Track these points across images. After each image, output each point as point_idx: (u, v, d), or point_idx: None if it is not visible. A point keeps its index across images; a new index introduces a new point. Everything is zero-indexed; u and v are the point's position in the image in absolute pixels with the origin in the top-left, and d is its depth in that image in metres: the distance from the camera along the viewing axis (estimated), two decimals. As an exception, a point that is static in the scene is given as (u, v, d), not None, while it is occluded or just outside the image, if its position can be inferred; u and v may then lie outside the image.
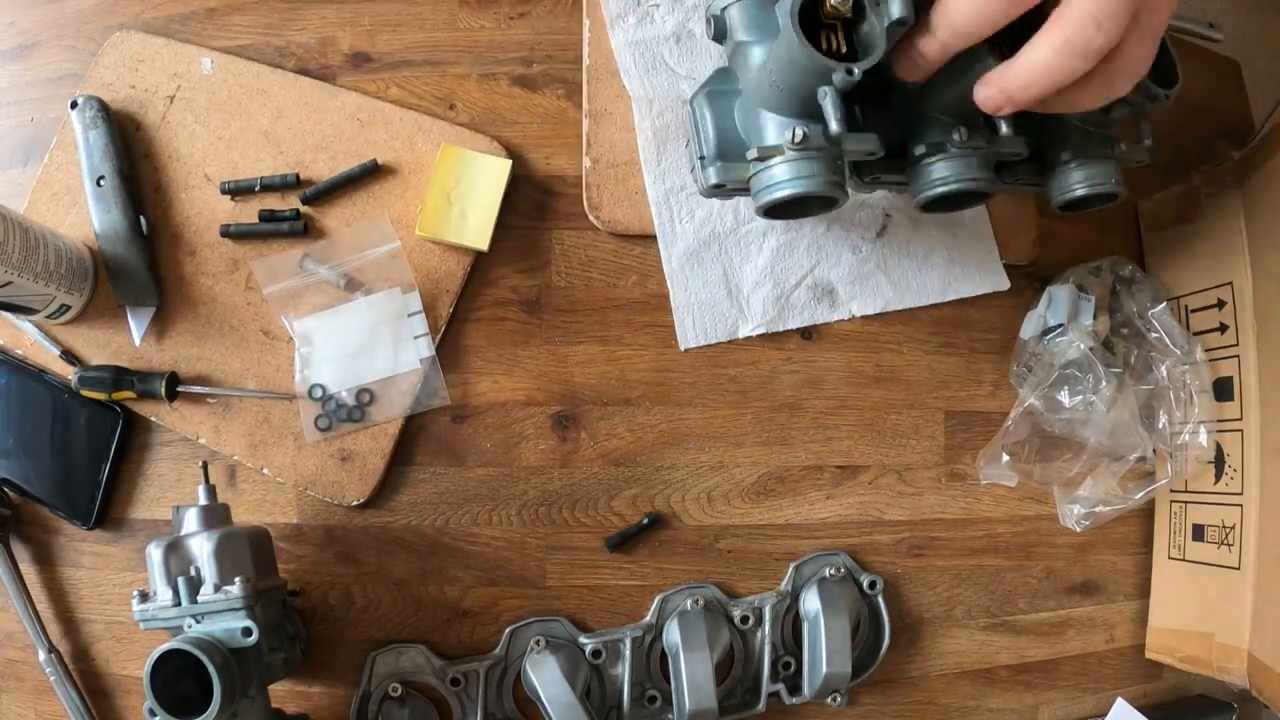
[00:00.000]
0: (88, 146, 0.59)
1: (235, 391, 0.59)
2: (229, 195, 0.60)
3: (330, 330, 0.60)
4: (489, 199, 0.60)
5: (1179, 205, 0.68)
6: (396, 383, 0.60)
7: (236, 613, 0.49)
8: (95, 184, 0.59)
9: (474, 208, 0.60)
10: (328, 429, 0.59)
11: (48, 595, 0.60)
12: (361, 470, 0.60)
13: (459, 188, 0.60)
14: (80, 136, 0.59)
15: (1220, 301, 0.64)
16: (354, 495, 0.60)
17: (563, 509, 0.62)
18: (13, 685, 0.60)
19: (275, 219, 0.60)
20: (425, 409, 0.60)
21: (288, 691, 0.60)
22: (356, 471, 0.60)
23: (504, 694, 0.60)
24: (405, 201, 0.61)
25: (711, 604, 0.62)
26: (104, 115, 0.59)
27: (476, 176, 0.60)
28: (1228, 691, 0.68)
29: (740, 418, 0.63)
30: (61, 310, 0.58)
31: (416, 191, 0.61)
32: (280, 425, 0.60)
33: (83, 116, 0.59)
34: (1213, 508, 0.63)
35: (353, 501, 0.60)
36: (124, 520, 0.60)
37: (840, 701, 0.61)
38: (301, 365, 0.60)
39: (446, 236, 0.60)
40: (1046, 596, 0.67)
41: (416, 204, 0.61)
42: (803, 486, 0.64)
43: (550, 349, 0.62)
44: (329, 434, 0.59)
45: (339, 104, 0.62)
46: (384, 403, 0.60)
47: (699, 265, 0.63)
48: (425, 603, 0.61)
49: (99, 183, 0.59)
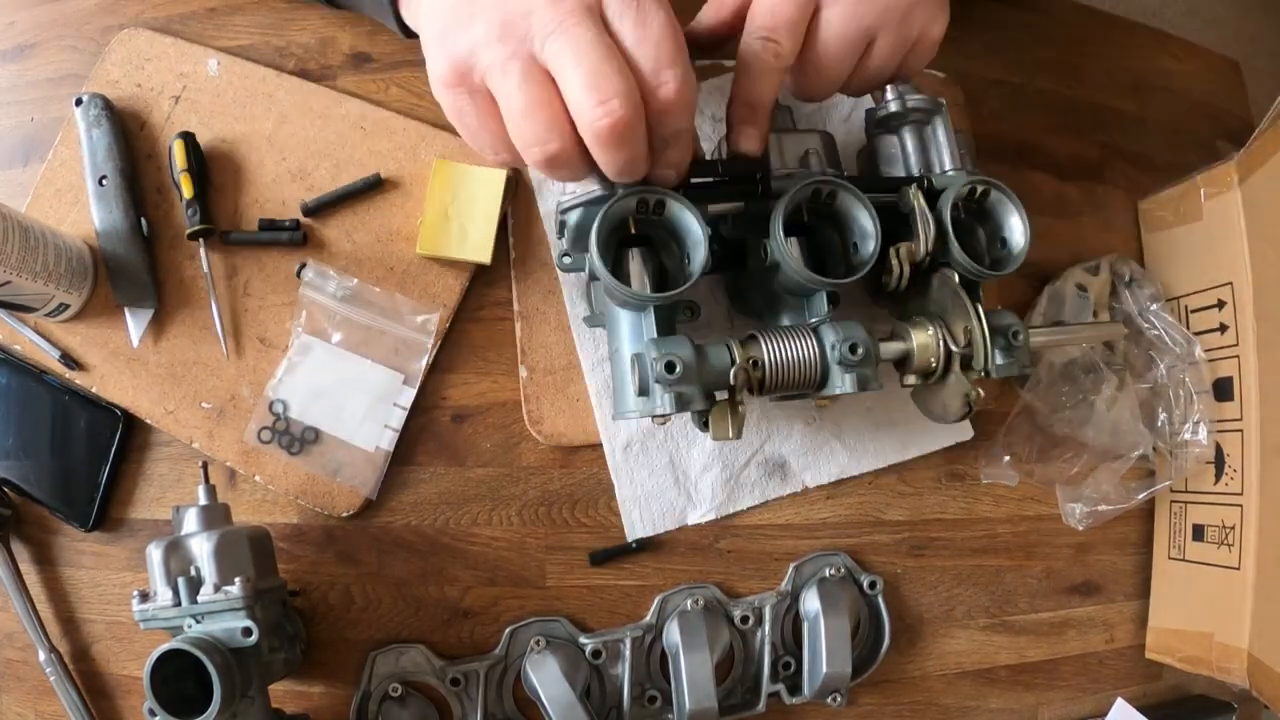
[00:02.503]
0: (91, 145, 0.59)
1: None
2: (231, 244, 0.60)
3: (323, 362, 0.60)
4: (488, 210, 0.59)
5: (1179, 205, 0.68)
6: (344, 448, 0.60)
7: (236, 613, 0.49)
8: (97, 183, 0.58)
9: (473, 220, 0.59)
10: (266, 443, 0.59)
11: (48, 595, 0.60)
12: (352, 482, 0.60)
13: (456, 202, 0.59)
14: (84, 134, 0.59)
15: (1220, 301, 0.64)
16: (344, 507, 0.60)
17: (563, 509, 0.62)
18: (13, 685, 0.60)
19: (275, 228, 0.60)
20: (347, 485, 0.59)
21: (288, 691, 0.60)
22: (347, 484, 0.60)
23: (504, 694, 0.60)
24: (406, 213, 0.61)
25: (711, 604, 0.62)
26: (108, 114, 0.59)
27: (474, 189, 0.59)
28: (1228, 691, 0.68)
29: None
30: (60, 309, 0.58)
31: (418, 203, 0.61)
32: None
33: (87, 114, 0.59)
34: (1213, 508, 0.63)
35: (343, 513, 0.60)
36: (124, 520, 0.60)
37: (840, 702, 0.61)
38: (282, 372, 0.59)
39: (448, 253, 0.59)
40: (1046, 596, 0.67)
41: (417, 215, 0.61)
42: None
43: (550, 349, 0.62)
44: (264, 447, 0.59)
45: (343, 111, 0.62)
46: (320, 454, 0.59)
47: (644, 454, 0.61)
48: (425, 603, 0.61)
49: (101, 182, 0.58)
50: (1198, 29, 1.46)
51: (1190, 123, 0.75)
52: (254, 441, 0.59)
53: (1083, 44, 0.73)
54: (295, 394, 0.59)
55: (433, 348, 0.60)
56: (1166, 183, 0.69)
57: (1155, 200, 0.70)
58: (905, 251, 0.52)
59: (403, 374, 0.60)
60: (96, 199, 0.59)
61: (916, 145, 0.55)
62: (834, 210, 0.51)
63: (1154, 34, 0.77)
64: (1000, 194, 0.53)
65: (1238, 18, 1.52)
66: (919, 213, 0.51)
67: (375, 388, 0.60)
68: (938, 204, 0.52)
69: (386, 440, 0.60)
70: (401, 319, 0.60)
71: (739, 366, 0.48)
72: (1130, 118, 0.74)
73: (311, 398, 0.59)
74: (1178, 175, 0.69)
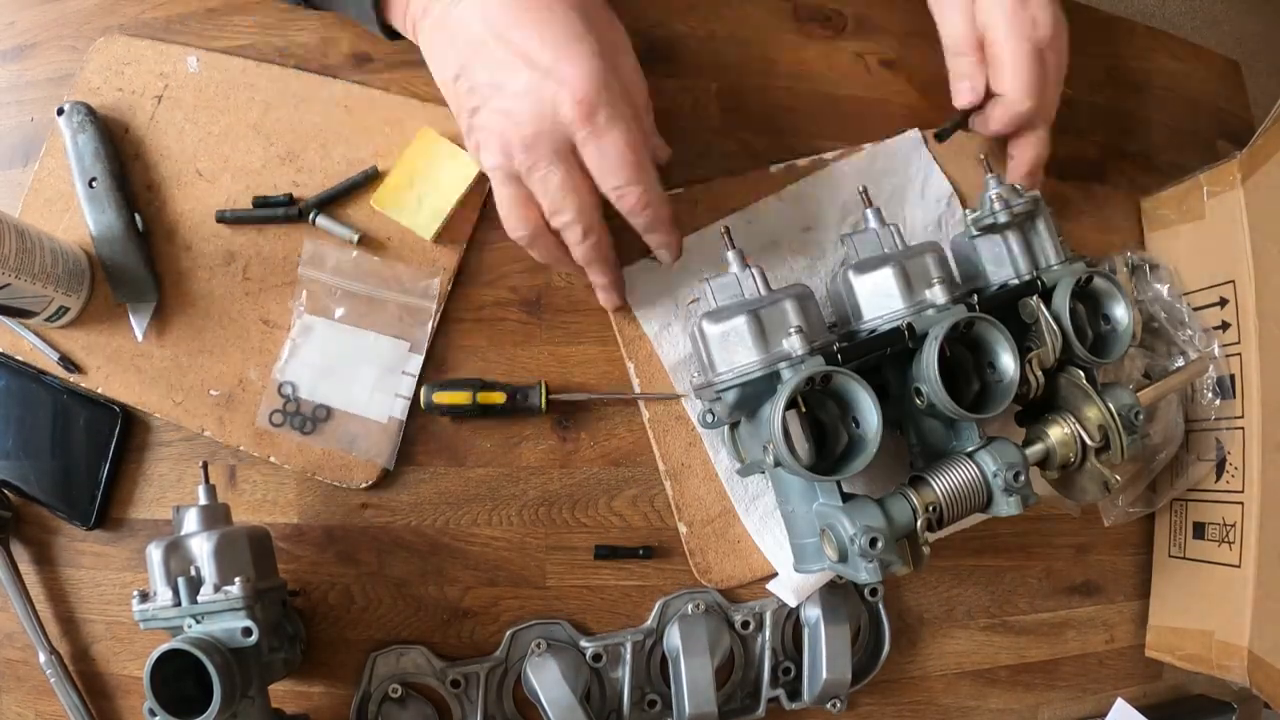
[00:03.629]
0: (77, 150, 0.59)
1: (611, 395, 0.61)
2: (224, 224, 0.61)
3: (328, 339, 0.60)
4: (449, 191, 0.60)
5: (1182, 204, 0.68)
6: (356, 421, 0.60)
7: (236, 613, 0.49)
8: (88, 186, 0.59)
9: (432, 195, 0.60)
10: (279, 425, 0.59)
11: (48, 596, 0.60)
12: (368, 455, 0.60)
13: (425, 173, 0.60)
14: (69, 141, 0.59)
15: (1222, 299, 0.64)
16: (362, 478, 0.60)
17: (563, 509, 0.62)
18: (13, 685, 0.60)
19: (269, 204, 0.60)
20: (363, 457, 0.60)
21: (288, 691, 0.60)
22: (363, 456, 0.60)
23: (504, 696, 0.60)
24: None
25: (712, 608, 0.61)
26: (91, 119, 0.59)
27: (444, 167, 0.60)
28: (1228, 691, 0.68)
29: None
30: (60, 312, 0.58)
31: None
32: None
33: (70, 122, 0.59)
34: (1214, 505, 0.63)
35: (361, 484, 0.60)
36: (124, 520, 0.60)
37: (840, 707, 0.61)
38: (287, 354, 0.60)
39: (399, 218, 0.60)
40: (1046, 596, 0.67)
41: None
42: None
43: (550, 349, 0.62)
44: (277, 429, 0.59)
45: (327, 93, 0.62)
46: (334, 430, 0.60)
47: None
48: (425, 603, 0.61)
49: (91, 184, 0.59)
50: (1198, 29, 1.46)
51: (1190, 123, 0.75)
52: (266, 425, 0.59)
53: (1083, 44, 0.73)
54: (303, 374, 0.60)
55: (436, 312, 0.61)
56: (1166, 183, 0.70)
57: (1158, 199, 0.70)
58: (1037, 362, 0.53)
59: (408, 341, 0.60)
60: (88, 201, 0.59)
61: (1021, 245, 0.56)
62: (968, 337, 0.52)
63: (1154, 34, 0.77)
64: (1105, 281, 0.55)
65: (1238, 18, 1.52)
66: (1045, 323, 0.53)
67: (382, 358, 0.60)
68: (1053, 305, 0.54)
69: (399, 409, 0.60)
70: (403, 286, 0.60)
71: (924, 518, 0.50)
72: (1130, 118, 0.74)
73: (319, 376, 0.60)
74: (1177, 175, 0.69)
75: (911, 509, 0.50)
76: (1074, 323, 0.54)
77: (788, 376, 0.48)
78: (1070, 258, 0.56)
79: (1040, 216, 0.56)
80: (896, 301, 0.53)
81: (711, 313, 0.52)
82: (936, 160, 0.66)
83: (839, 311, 0.57)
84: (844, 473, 0.48)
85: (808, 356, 0.48)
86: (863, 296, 0.54)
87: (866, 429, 0.49)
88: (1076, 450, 0.54)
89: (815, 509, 0.51)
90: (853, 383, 0.48)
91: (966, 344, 0.53)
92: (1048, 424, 0.55)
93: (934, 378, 0.49)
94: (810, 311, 0.52)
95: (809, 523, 0.52)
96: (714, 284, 0.53)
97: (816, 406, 0.51)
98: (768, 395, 0.50)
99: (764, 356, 0.50)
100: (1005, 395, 0.51)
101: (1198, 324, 0.65)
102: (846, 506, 0.49)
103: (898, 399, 0.55)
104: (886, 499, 0.50)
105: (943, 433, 0.54)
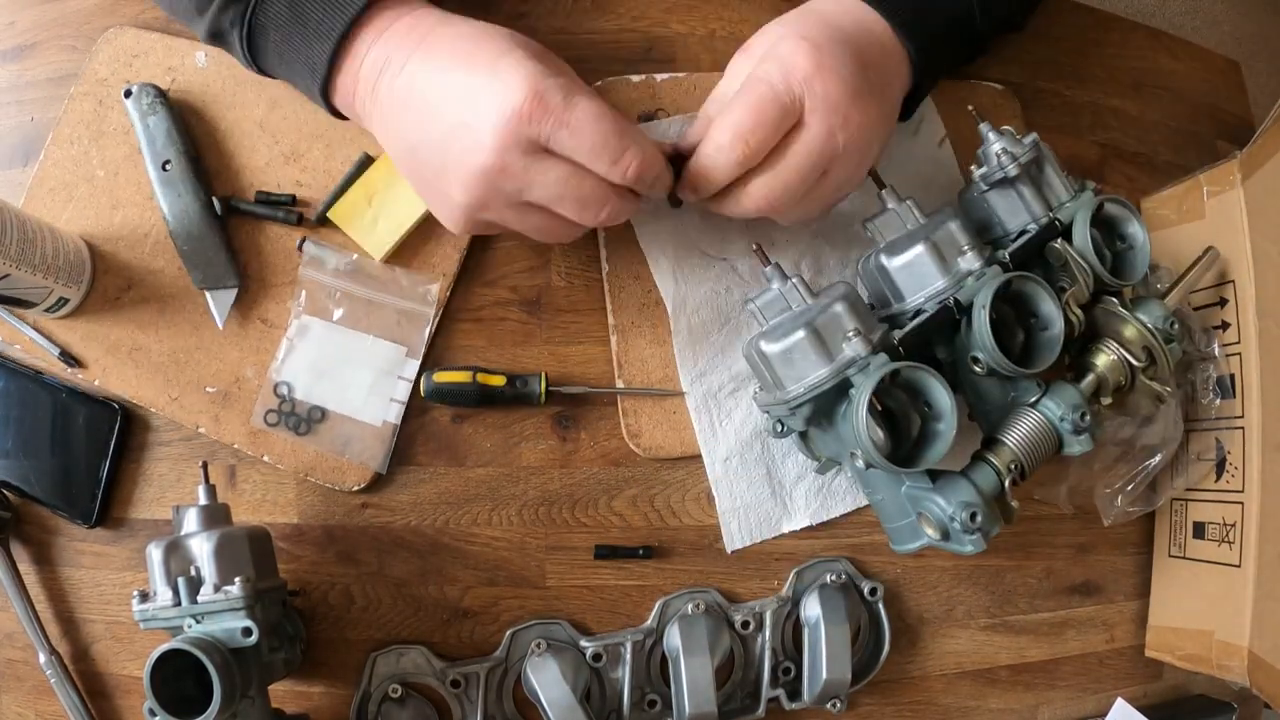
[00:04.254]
0: (148, 133, 0.58)
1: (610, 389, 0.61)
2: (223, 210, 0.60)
3: (325, 340, 0.60)
4: (403, 219, 0.59)
5: (1181, 203, 0.68)
6: (351, 424, 0.60)
7: (236, 613, 0.49)
8: (161, 169, 0.58)
9: (387, 219, 0.60)
10: (274, 425, 0.59)
11: (48, 595, 0.60)
12: (361, 458, 0.60)
13: (383, 196, 0.60)
14: (139, 124, 0.59)
15: (1222, 299, 0.64)
16: (354, 481, 0.60)
17: (563, 509, 0.62)
18: (13, 685, 0.60)
19: (271, 202, 0.60)
20: (356, 460, 0.60)
21: (288, 691, 0.60)
22: (356, 459, 0.60)
23: (504, 696, 0.60)
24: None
25: (712, 608, 0.61)
26: (162, 100, 0.59)
27: (402, 193, 0.59)
28: (1228, 691, 0.68)
29: (740, 417, 0.63)
30: (60, 303, 0.58)
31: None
32: (279, 421, 0.60)
33: (139, 104, 0.59)
34: (1214, 505, 0.63)
35: (353, 487, 0.60)
36: (124, 520, 0.60)
37: (840, 707, 0.61)
38: (284, 354, 0.60)
39: (354, 234, 0.60)
40: (1046, 596, 0.67)
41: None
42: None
43: (550, 349, 0.62)
44: (272, 429, 0.59)
45: None
46: (328, 432, 0.60)
47: (743, 467, 0.62)
48: (425, 603, 0.61)
49: (165, 167, 0.58)
50: (1198, 29, 1.46)
51: (1190, 123, 0.75)
52: (261, 425, 0.59)
53: (1082, 44, 0.73)
54: (299, 375, 0.60)
55: (434, 317, 0.61)
56: (1166, 183, 0.70)
57: (1158, 198, 0.70)
58: (1074, 301, 0.54)
59: (405, 346, 0.60)
60: (162, 185, 0.58)
61: (1032, 190, 0.56)
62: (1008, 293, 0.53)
63: (1153, 34, 0.77)
64: (1115, 205, 0.56)
65: (1238, 18, 1.52)
66: (1074, 262, 0.54)
67: (379, 362, 0.60)
68: (1075, 243, 0.55)
69: (393, 414, 0.60)
70: (402, 291, 0.60)
71: (1010, 478, 0.52)
72: (1130, 118, 0.74)
73: (315, 377, 0.60)
74: (1177, 175, 0.69)
75: (995, 473, 0.52)
76: (1095, 252, 0.55)
77: (859, 382, 0.49)
78: (1077, 189, 0.57)
79: (1047, 161, 0.56)
80: (934, 277, 0.53)
81: (766, 332, 0.52)
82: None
83: (874, 294, 0.57)
84: (928, 461, 0.50)
85: (871, 356, 0.49)
86: (900, 278, 0.55)
87: (941, 413, 0.50)
88: (1125, 373, 0.55)
89: (905, 493, 0.52)
90: (921, 373, 0.49)
91: (1006, 299, 0.54)
92: (1093, 354, 0.56)
93: (990, 345, 0.51)
94: (860, 309, 0.52)
95: (899, 506, 0.53)
96: (759, 303, 0.54)
97: (885, 395, 0.52)
98: (839, 398, 0.50)
99: (830, 366, 0.50)
100: (1055, 344, 0.53)
101: (1198, 323, 0.65)
102: (937, 486, 0.51)
103: (949, 365, 0.56)
104: (971, 469, 0.52)
105: (1000, 389, 0.55)
